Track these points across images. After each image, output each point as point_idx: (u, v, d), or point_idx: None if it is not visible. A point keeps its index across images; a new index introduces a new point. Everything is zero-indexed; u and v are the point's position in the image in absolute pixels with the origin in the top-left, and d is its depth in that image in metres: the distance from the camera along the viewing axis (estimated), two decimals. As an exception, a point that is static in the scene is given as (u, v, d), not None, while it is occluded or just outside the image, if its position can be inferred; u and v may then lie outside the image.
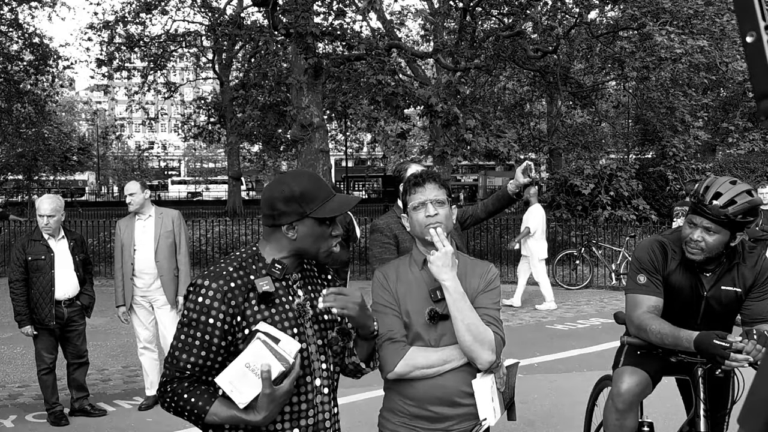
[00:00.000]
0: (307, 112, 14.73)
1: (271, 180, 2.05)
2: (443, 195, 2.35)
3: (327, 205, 1.94)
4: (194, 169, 64.30)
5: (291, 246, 1.96)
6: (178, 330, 1.89)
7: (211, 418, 1.83)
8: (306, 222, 1.93)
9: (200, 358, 1.85)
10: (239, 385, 1.78)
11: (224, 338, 1.85)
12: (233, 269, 1.90)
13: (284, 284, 1.96)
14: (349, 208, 2.01)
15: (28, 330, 5.20)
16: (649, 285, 2.91)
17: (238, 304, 1.86)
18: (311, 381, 1.95)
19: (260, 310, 1.89)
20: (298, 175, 1.99)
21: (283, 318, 1.91)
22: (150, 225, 5.66)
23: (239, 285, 1.88)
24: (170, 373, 1.87)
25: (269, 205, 1.94)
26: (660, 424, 3.92)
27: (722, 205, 2.68)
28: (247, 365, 1.78)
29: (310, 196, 1.92)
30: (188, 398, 1.84)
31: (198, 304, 1.85)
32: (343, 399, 4.20)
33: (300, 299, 1.98)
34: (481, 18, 19.05)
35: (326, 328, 2.02)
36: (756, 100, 0.96)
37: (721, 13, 14.59)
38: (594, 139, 19.10)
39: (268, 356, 1.77)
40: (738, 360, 2.51)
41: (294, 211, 1.92)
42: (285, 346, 1.81)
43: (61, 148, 30.76)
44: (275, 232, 1.96)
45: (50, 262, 5.20)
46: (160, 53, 23.41)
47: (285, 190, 1.93)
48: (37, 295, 5.18)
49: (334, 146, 34.75)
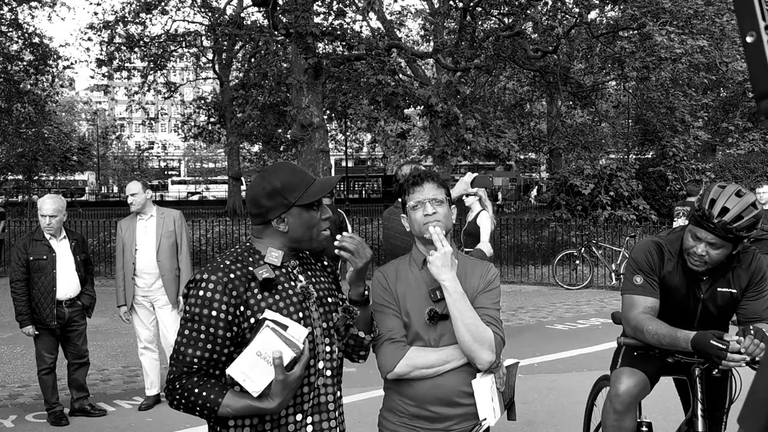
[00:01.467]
0: (307, 112, 14.73)
1: (252, 179, 2.07)
2: (442, 194, 2.35)
3: (310, 190, 1.98)
4: (194, 169, 64.29)
5: (284, 238, 1.99)
6: (182, 326, 1.89)
7: (224, 410, 1.82)
8: (293, 211, 1.96)
9: (206, 351, 1.85)
10: (252, 374, 1.78)
11: (229, 329, 1.86)
12: (230, 262, 1.92)
13: (284, 271, 1.98)
14: (332, 187, 2.05)
15: (29, 330, 5.20)
16: (645, 286, 2.91)
17: (240, 294, 1.87)
18: (314, 364, 1.96)
19: (264, 297, 1.90)
20: (275, 169, 2.02)
21: (288, 303, 1.92)
22: (151, 225, 5.67)
23: (238, 276, 1.89)
24: (177, 369, 1.86)
25: (255, 204, 1.98)
26: (659, 423, 3.92)
27: (729, 221, 2.65)
28: (258, 353, 1.78)
29: (292, 186, 1.96)
30: (199, 392, 1.83)
31: (199, 297, 1.86)
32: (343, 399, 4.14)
33: (302, 282, 2.00)
34: (481, 18, 19.04)
35: (330, 311, 2.04)
36: (756, 100, 0.96)
37: (721, 13, 14.59)
38: (594, 139, 19.10)
39: (279, 343, 1.78)
40: (735, 359, 2.51)
41: (279, 204, 1.95)
42: (293, 332, 1.82)
43: (61, 148, 30.71)
44: (266, 229, 1.99)
45: (52, 262, 5.20)
46: (160, 53, 23.40)
47: (266, 186, 1.96)
48: (38, 295, 5.17)
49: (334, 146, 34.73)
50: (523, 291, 12.12)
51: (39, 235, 5.25)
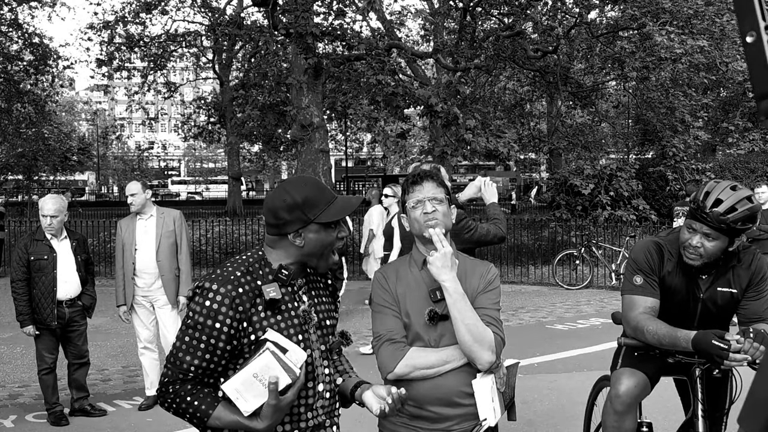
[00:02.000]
0: (307, 112, 14.73)
1: (272, 189, 2.04)
2: (441, 193, 2.35)
3: (330, 208, 1.94)
4: (194, 169, 64.29)
5: (298, 253, 1.96)
6: (182, 331, 1.88)
7: (213, 422, 1.83)
8: (311, 228, 1.93)
9: (204, 360, 1.85)
10: (245, 394, 1.79)
11: (230, 342, 1.85)
12: (241, 274, 1.89)
13: (290, 290, 1.96)
14: (353, 209, 1.99)
15: (30, 330, 5.19)
16: (645, 286, 2.91)
17: (246, 309, 1.85)
18: (314, 386, 1.96)
19: (266, 316, 1.88)
20: (298, 182, 1.98)
21: (288, 325, 1.91)
22: (151, 225, 5.68)
23: (246, 291, 1.87)
24: (172, 374, 1.87)
25: (273, 215, 1.94)
26: (659, 424, 3.92)
27: (723, 212, 2.66)
28: (255, 375, 1.78)
29: (313, 202, 1.92)
30: (191, 401, 1.84)
31: (205, 307, 1.84)
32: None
33: (305, 305, 1.98)
34: (481, 18, 19.05)
35: (328, 334, 2.04)
36: (756, 100, 0.96)
37: (721, 13, 14.59)
38: (594, 139, 19.10)
39: (277, 368, 1.78)
40: (737, 359, 2.50)
41: (298, 219, 1.92)
42: (293, 356, 1.82)
43: (61, 148, 30.74)
44: (281, 240, 1.96)
45: (53, 262, 5.20)
46: (160, 53, 23.42)
47: (287, 198, 1.92)
48: (39, 295, 5.17)
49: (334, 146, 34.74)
50: (523, 291, 12.12)
51: (40, 235, 5.25)
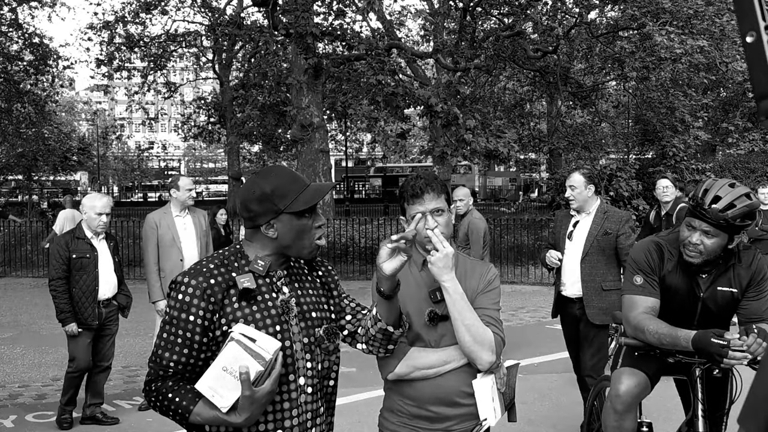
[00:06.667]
0: (307, 112, 14.74)
1: (244, 182, 2.02)
2: (442, 203, 2.32)
3: (300, 197, 1.92)
4: (194, 169, 64.30)
5: (274, 244, 1.95)
6: (161, 328, 1.88)
7: (194, 418, 1.82)
8: (283, 218, 1.91)
9: (183, 356, 1.84)
10: (219, 390, 1.76)
11: (205, 335, 1.84)
12: (214, 266, 1.89)
13: (268, 281, 1.94)
14: (323, 196, 1.97)
15: (73, 328, 5.06)
16: (645, 286, 2.91)
17: (218, 300, 1.84)
18: (294, 380, 1.92)
19: (240, 307, 1.87)
20: (268, 173, 1.97)
21: (264, 315, 1.88)
22: (189, 222, 5.80)
23: (219, 282, 1.86)
24: (154, 372, 1.87)
25: (245, 208, 1.94)
26: (659, 424, 3.92)
27: (721, 209, 2.66)
28: (225, 368, 1.76)
29: (282, 192, 1.91)
30: (172, 398, 1.83)
31: (178, 301, 1.84)
32: (343, 399, 4.16)
33: (285, 296, 1.95)
34: (481, 18, 19.06)
35: (313, 326, 1.99)
36: (756, 100, 0.96)
37: (721, 13, 14.59)
38: (594, 139, 19.12)
39: (245, 357, 1.75)
40: (737, 357, 2.50)
41: (269, 210, 1.90)
42: (262, 343, 1.78)
43: (61, 148, 30.75)
44: (256, 233, 1.95)
45: (95, 260, 5.12)
46: (160, 53, 23.42)
47: (256, 190, 1.92)
48: (80, 293, 5.07)
49: (334, 146, 34.73)
50: (523, 291, 12.12)
51: (80, 233, 5.16)
